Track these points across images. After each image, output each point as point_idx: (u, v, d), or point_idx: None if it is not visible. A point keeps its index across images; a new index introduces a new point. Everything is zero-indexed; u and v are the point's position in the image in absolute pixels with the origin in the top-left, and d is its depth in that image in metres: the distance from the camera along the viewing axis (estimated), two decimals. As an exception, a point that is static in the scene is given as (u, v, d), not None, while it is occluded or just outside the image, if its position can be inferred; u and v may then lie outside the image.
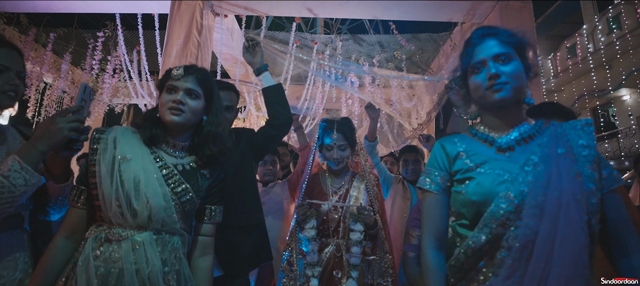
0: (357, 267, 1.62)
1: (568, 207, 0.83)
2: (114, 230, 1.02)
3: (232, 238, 1.56)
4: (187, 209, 1.12)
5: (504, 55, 0.94)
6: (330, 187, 1.83)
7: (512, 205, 0.87)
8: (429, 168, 1.07)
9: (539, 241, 0.83)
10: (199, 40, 3.34)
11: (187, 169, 1.15)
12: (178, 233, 1.10)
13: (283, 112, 1.69)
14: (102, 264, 0.98)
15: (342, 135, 1.78)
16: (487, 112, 1.02)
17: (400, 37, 4.37)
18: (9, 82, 1.18)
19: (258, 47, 1.77)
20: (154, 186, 1.05)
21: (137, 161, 1.07)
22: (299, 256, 1.71)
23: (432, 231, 1.01)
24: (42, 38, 4.45)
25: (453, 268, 0.97)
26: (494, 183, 0.91)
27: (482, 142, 1.01)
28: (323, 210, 1.73)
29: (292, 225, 1.78)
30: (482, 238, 0.89)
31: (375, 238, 1.72)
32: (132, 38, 4.39)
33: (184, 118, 1.11)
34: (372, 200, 1.76)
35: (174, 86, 1.12)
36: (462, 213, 0.98)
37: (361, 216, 1.63)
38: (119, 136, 1.11)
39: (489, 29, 1.00)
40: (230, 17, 4.07)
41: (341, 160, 1.80)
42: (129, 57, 4.32)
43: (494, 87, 0.93)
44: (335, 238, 1.72)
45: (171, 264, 1.05)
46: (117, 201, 1.02)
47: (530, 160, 0.91)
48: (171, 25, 3.34)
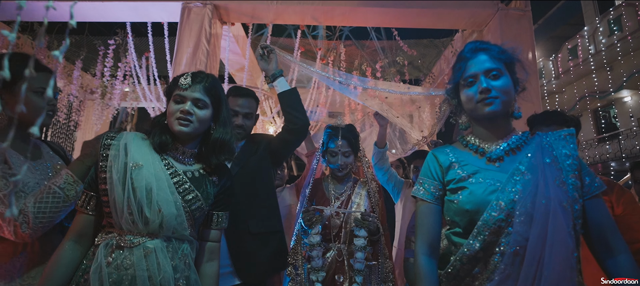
0: (361, 272, 1.64)
1: (555, 213, 0.87)
2: (125, 237, 1.02)
3: (249, 246, 1.53)
4: (197, 216, 1.13)
5: (495, 71, 0.99)
6: (332, 193, 1.85)
7: (503, 213, 0.91)
8: (422, 178, 1.11)
9: (530, 246, 0.87)
10: (207, 49, 3.44)
11: (196, 176, 1.16)
12: (187, 239, 1.11)
13: (300, 117, 1.65)
14: (114, 271, 0.99)
15: (347, 141, 1.82)
16: (477, 123, 1.07)
17: (402, 43, 4.47)
18: (49, 103, 1.31)
19: (273, 54, 1.76)
20: (165, 194, 1.05)
21: (148, 168, 1.06)
22: (303, 260, 1.72)
23: (425, 238, 1.05)
24: (54, 45, 4.58)
25: (449, 275, 0.99)
26: (485, 193, 0.96)
27: (473, 152, 1.06)
28: (325, 214, 1.75)
29: (296, 229, 1.80)
30: (476, 246, 0.93)
31: (377, 244, 1.75)
32: (142, 44, 4.51)
33: (192, 129, 1.11)
34: (374, 206, 1.79)
35: (181, 96, 1.11)
36: (456, 221, 1.01)
37: (365, 222, 1.66)
38: (130, 142, 1.10)
39: (481, 44, 1.04)
40: (237, 24, 4.18)
41: (345, 166, 1.83)
42: (139, 63, 4.44)
43: (485, 101, 0.98)
44: (337, 243, 1.74)
45: (181, 270, 1.06)
46: (128, 208, 1.02)
47: (518, 169, 0.95)
48: (181, 34, 3.45)
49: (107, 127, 6.19)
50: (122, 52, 4.49)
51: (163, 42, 4.06)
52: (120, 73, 4.66)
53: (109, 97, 5.20)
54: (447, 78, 3.68)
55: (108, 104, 5.03)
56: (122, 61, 4.51)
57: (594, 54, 9.86)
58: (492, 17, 3.52)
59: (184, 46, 3.41)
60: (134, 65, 4.33)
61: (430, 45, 4.70)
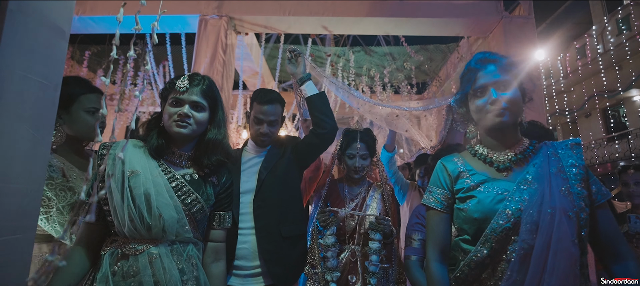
0: (376, 274, 1.66)
1: (560, 223, 0.88)
2: (129, 245, 1.02)
3: (281, 248, 1.55)
4: (199, 218, 1.13)
5: (505, 83, 1.01)
6: (347, 195, 1.87)
7: (510, 222, 0.93)
8: (431, 187, 1.13)
9: (535, 254, 0.88)
10: (224, 59, 3.63)
11: (195, 178, 1.15)
12: (192, 241, 1.11)
13: (328, 121, 1.63)
14: (120, 279, 0.99)
15: (365, 145, 1.84)
16: (486, 133, 1.08)
17: (409, 48, 4.62)
18: (100, 121, 1.50)
19: (301, 58, 1.75)
20: (164, 198, 1.05)
21: (146, 174, 1.06)
22: (320, 260, 1.75)
23: (436, 245, 1.07)
24: (77, 55, 4.83)
25: (458, 279, 1.01)
26: (493, 202, 0.97)
27: (482, 162, 1.07)
28: (340, 216, 1.76)
29: (312, 229, 1.81)
30: (484, 252, 0.95)
31: (390, 247, 1.78)
32: (159, 52, 4.75)
33: (190, 131, 1.12)
34: (387, 209, 1.82)
35: (179, 99, 1.11)
36: (465, 229, 1.03)
37: (380, 226, 1.68)
38: (125, 150, 1.09)
39: (491, 55, 1.06)
40: (250, 34, 4.37)
41: (362, 168, 1.84)
42: (157, 70, 4.67)
43: (495, 112, 1.00)
44: (351, 244, 1.76)
45: (189, 272, 1.06)
46: (129, 216, 1.02)
47: (525, 179, 0.97)
48: (198, 45, 3.64)
49: (122, 135, 6.44)
50: (141, 61, 4.72)
51: (180, 49, 4.29)
52: (139, 82, 4.90)
53: (126, 103, 5.44)
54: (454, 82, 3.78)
55: (126, 109, 5.26)
56: (142, 70, 4.74)
57: (602, 53, 9.82)
58: (496, 25, 3.65)
59: (202, 56, 3.60)
60: (152, 73, 4.55)
61: (436, 50, 4.84)
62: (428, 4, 3.64)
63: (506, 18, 3.57)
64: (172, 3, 3.70)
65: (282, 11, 3.68)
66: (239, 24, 3.87)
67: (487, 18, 3.61)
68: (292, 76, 1.78)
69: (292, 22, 3.77)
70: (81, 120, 1.42)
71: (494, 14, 3.60)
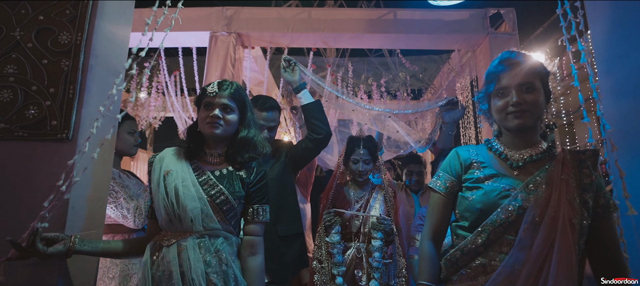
0: (379, 269, 1.81)
1: (564, 229, 0.87)
2: (166, 237, 1.15)
3: (277, 247, 1.66)
4: (225, 209, 1.19)
5: (528, 85, 0.99)
6: (353, 197, 2.05)
7: (510, 218, 0.94)
8: (441, 172, 1.15)
9: (531, 257, 0.87)
10: (232, 72, 3.97)
11: (224, 173, 1.23)
12: (221, 235, 1.18)
13: (323, 127, 1.75)
14: (156, 267, 1.11)
15: (368, 151, 2.01)
16: (506, 132, 1.09)
17: (404, 59, 4.94)
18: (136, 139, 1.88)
19: (296, 67, 1.87)
20: (189, 191, 1.15)
21: (177, 172, 1.19)
22: (327, 255, 1.90)
23: (433, 226, 1.11)
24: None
25: (448, 261, 1.04)
26: (498, 196, 0.98)
27: (497, 157, 1.08)
28: (345, 216, 1.94)
29: (319, 228, 1.97)
30: (478, 241, 0.97)
31: (392, 244, 1.93)
32: (172, 63, 5.10)
33: (222, 131, 1.22)
34: (389, 210, 1.98)
35: (210, 102, 1.23)
36: (465, 216, 1.05)
37: (381, 225, 1.83)
38: (165, 155, 1.25)
39: (517, 56, 1.04)
40: (256, 47, 4.71)
41: (365, 172, 2.02)
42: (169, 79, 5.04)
43: (515, 114, 1.00)
44: (356, 241, 1.93)
45: (214, 265, 1.12)
46: (165, 209, 1.14)
47: (535, 180, 0.97)
48: (209, 60, 3.97)
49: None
50: (154, 72, 5.08)
51: (191, 60, 4.65)
52: (154, 91, 5.26)
53: (139, 109, 5.80)
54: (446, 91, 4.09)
55: (141, 116, 5.62)
56: (155, 80, 5.09)
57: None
58: (483, 40, 3.95)
59: (213, 70, 3.93)
60: (165, 82, 4.90)
61: (430, 61, 5.16)
62: (421, 21, 3.95)
63: (492, 34, 3.87)
64: (185, 20, 4.04)
65: (286, 27, 4.01)
66: (246, 39, 4.21)
67: (475, 34, 3.91)
68: (289, 85, 1.91)
69: (295, 38, 4.08)
70: (125, 140, 1.82)
71: (480, 30, 3.90)
